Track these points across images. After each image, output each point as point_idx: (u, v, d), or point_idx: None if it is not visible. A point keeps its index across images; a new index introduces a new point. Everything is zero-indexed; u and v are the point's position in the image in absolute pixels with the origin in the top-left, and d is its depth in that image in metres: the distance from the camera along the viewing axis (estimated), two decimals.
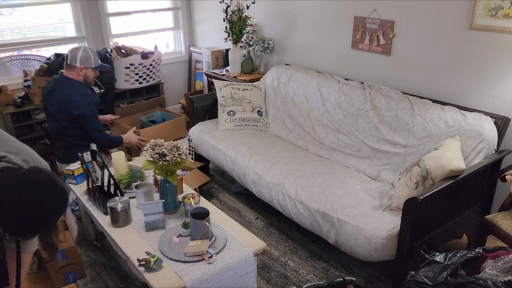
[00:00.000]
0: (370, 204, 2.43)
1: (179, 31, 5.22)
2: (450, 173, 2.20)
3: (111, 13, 4.59)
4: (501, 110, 2.61)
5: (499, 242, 2.31)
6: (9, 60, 4.16)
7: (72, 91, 2.92)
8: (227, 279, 1.95)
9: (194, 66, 5.20)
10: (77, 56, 2.91)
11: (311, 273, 2.57)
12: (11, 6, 4.08)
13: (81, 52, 2.93)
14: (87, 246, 2.85)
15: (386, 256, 2.21)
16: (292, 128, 3.48)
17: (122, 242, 2.10)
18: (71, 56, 2.92)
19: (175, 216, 2.30)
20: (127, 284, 2.51)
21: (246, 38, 4.35)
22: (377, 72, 3.26)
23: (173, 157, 2.17)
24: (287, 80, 3.62)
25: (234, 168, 3.13)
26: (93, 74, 3.04)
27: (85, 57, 2.94)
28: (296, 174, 2.78)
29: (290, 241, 2.88)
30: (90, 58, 2.97)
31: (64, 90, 2.92)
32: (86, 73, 2.98)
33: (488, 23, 2.55)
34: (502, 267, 1.83)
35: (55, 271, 2.43)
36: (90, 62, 2.96)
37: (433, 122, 2.66)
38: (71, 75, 2.96)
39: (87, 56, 2.95)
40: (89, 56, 2.96)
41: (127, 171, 2.61)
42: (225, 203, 3.37)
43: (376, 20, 3.15)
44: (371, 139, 2.96)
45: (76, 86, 2.95)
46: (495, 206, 2.67)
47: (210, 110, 3.78)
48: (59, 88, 2.94)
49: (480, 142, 2.43)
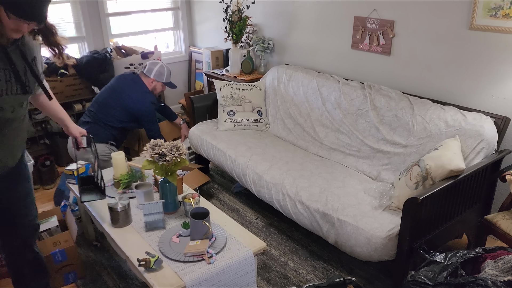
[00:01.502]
0: (370, 204, 2.43)
1: (179, 31, 5.21)
2: (450, 173, 2.20)
3: (111, 13, 4.59)
4: (501, 110, 2.61)
5: (499, 242, 2.31)
6: None
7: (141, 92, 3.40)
8: (227, 279, 1.95)
9: (194, 66, 5.20)
10: (153, 69, 3.46)
11: (311, 273, 2.57)
12: None
13: (158, 67, 3.47)
14: (87, 246, 2.85)
15: (386, 256, 2.21)
16: (292, 128, 3.48)
17: (122, 242, 2.10)
18: (149, 68, 3.46)
19: (175, 216, 2.30)
20: (127, 284, 2.51)
21: (246, 38, 4.35)
22: (377, 72, 3.26)
23: (173, 157, 2.17)
24: (287, 80, 3.62)
25: (234, 168, 3.13)
26: (161, 88, 3.55)
27: (159, 72, 3.47)
28: (296, 174, 2.78)
29: (290, 241, 2.88)
30: (163, 75, 3.50)
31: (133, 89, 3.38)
32: (155, 86, 3.50)
33: (488, 23, 2.55)
34: (502, 267, 1.83)
35: (55, 271, 2.43)
36: (162, 77, 3.49)
37: (433, 122, 2.66)
38: (144, 81, 3.46)
39: (162, 71, 3.49)
40: (163, 72, 3.50)
41: (127, 171, 2.61)
42: (225, 203, 3.37)
43: (376, 20, 3.15)
44: (371, 139, 2.96)
45: (144, 90, 3.43)
46: (495, 206, 2.67)
47: (210, 110, 3.78)
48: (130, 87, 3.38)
49: (480, 142, 2.43)
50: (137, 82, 3.44)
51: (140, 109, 3.38)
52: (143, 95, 3.41)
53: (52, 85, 3.86)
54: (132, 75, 3.51)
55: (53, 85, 3.87)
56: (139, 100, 3.38)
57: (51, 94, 1.91)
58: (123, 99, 3.36)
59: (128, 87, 3.40)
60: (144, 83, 3.44)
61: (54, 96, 2.01)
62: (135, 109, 3.37)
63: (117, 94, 3.38)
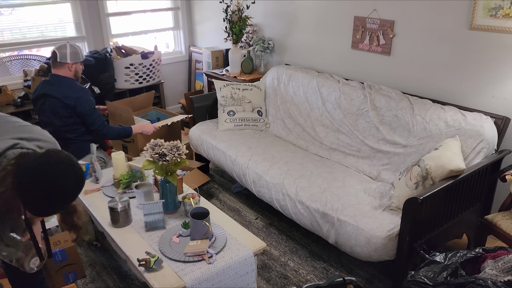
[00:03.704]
0: (370, 204, 2.43)
1: (179, 31, 5.22)
2: (450, 173, 2.20)
3: (111, 13, 4.59)
4: (501, 110, 2.61)
5: (499, 242, 2.31)
6: (9, 60, 4.17)
7: (68, 88, 2.94)
8: (227, 279, 1.95)
9: (194, 66, 5.20)
10: (66, 52, 2.95)
11: (311, 273, 2.57)
12: (11, 6, 4.08)
13: (69, 48, 2.96)
14: (87, 246, 2.85)
15: (386, 256, 2.21)
16: (292, 128, 3.48)
17: (122, 242, 2.10)
18: (60, 53, 2.94)
19: (175, 216, 2.30)
20: (127, 284, 2.51)
21: (246, 38, 4.35)
22: (377, 72, 3.26)
23: (173, 157, 2.17)
24: (287, 80, 3.62)
25: (234, 168, 3.13)
26: (81, 68, 3.08)
27: (74, 52, 2.98)
28: (296, 174, 2.78)
29: (290, 241, 2.88)
30: (78, 53, 3.01)
31: (58, 89, 2.92)
32: (76, 68, 3.01)
33: (488, 23, 2.55)
34: (502, 267, 1.83)
35: (55, 271, 2.43)
36: (79, 56, 3.01)
37: (433, 122, 2.66)
38: (62, 72, 2.97)
39: (75, 51, 2.99)
40: (77, 51, 3.00)
41: (127, 171, 2.61)
42: (225, 203, 3.37)
43: (376, 20, 3.15)
44: (371, 139, 2.96)
45: (70, 83, 2.98)
46: (495, 206, 2.67)
47: (210, 110, 3.78)
48: (53, 89, 2.93)
49: (480, 142, 2.43)
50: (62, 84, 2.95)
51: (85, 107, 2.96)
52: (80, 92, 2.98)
53: None
54: (46, 86, 2.98)
55: None
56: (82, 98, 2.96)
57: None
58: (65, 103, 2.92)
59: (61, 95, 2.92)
60: (66, 77, 2.97)
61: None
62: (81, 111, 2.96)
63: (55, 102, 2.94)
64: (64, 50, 2.95)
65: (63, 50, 2.95)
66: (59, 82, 2.96)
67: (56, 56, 2.94)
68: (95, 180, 2.68)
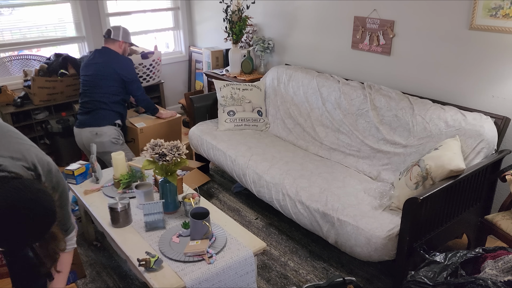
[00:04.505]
0: (370, 204, 2.43)
1: (179, 31, 5.22)
2: (450, 173, 2.20)
3: (111, 13, 4.59)
4: (501, 110, 2.61)
5: (499, 242, 2.31)
6: (9, 60, 4.16)
7: (117, 58, 3.40)
8: (227, 279, 1.95)
9: (194, 66, 5.20)
10: (119, 32, 3.43)
11: (311, 273, 2.57)
12: (11, 6, 4.08)
13: (122, 29, 3.44)
14: (87, 246, 2.85)
15: (386, 256, 2.21)
16: (292, 128, 3.48)
17: (122, 242, 2.10)
18: (115, 31, 3.41)
19: (175, 216, 2.30)
20: (127, 284, 2.51)
21: (246, 38, 4.35)
22: (377, 72, 3.26)
23: (173, 157, 2.17)
24: (287, 80, 3.62)
25: (234, 168, 3.13)
26: (128, 49, 3.58)
27: (125, 33, 3.46)
28: (296, 174, 2.78)
29: (290, 241, 2.88)
30: (129, 35, 3.50)
31: (109, 58, 3.37)
32: (125, 47, 3.50)
33: (488, 23, 2.55)
34: (502, 267, 1.83)
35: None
36: (129, 38, 3.50)
37: (433, 122, 2.66)
38: (113, 47, 3.43)
39: (127, 32, 3.48)
40: (128, 33, 3.49)
41: (127, 171, 2.61)
42: (225, 203, 3.37)
43: (376, 20, 3.15)
44: (371, 139, 2.96)
45: (119, 55, 3.44)
46: (495, 206, 2.67)
47: (210, 110, 3.78)
48: (105, 57, 3.37)
49: (480, 142, 2.43)
50: (112, 55, 3.42)
51: (131, 74, 3.42)
52: (127, 61, 3.46)
53: (52, 85, 3.87)
54: (98, 55, 3.44)
55: (53, 85, 3.87)
56: (129, 66, 3.43)
57: None
58: (113, 68, 3.34)
59: (112, 59, 3.39)
60: (115, 51, 3.43)
61: None
62: (127, 76, 3.39)
63: (105, 67, 3.35)
64: (118, 29, 3.44)
65: (117, 29, 3.43)
66: (110, 52, 3.41)
67: (110, 33, 3.41)
68: (95, 180, 2.68)
